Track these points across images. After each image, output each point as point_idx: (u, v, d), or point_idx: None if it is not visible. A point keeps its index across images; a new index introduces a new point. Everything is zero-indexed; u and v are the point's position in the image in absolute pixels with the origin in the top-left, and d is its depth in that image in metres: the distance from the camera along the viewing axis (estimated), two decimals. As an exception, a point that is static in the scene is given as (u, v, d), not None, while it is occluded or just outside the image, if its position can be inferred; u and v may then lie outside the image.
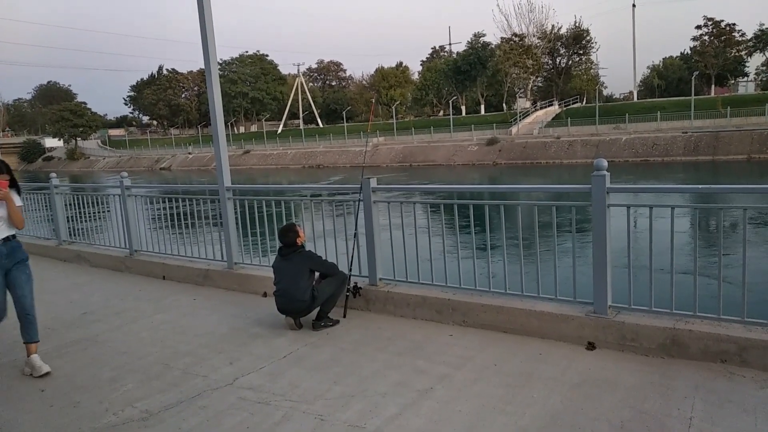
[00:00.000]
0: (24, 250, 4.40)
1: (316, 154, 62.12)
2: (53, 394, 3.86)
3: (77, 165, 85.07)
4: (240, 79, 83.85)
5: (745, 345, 3.55)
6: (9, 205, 4.21)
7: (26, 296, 4.23)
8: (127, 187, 7.31)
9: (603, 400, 3.32)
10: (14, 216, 4.31)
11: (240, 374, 4.01)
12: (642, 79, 78.12)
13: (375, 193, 5.14)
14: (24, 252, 4.38)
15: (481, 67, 64.92)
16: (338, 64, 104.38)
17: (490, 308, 4.51)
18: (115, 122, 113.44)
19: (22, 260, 4.32)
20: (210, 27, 5.87)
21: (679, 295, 3.90)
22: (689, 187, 5.43)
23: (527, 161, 46.26)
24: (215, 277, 6.42)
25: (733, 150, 38.27)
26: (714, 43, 61.11)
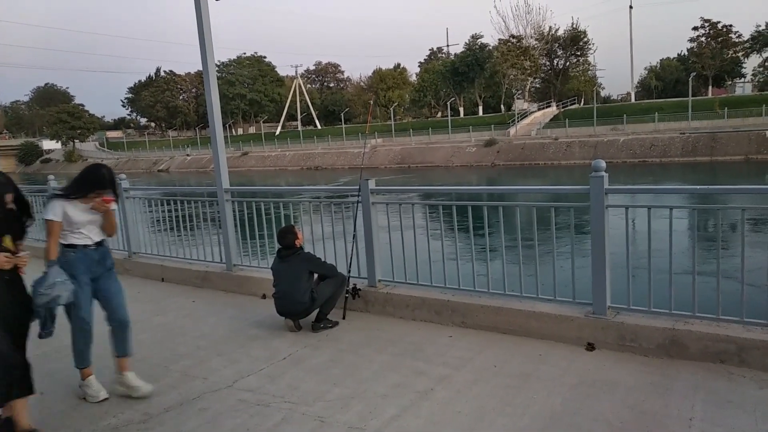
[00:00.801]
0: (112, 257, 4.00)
1: (314, 155, 62.08)
2: (53, 397, 3.85)
3: (75, 167, 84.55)
4: (238, 81, 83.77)
5: (745, 345, 3.56)
6: (107, 215, 3.76)
7: (122, 305, 3.88)
8: (125, 189, 7.30)
9: (602, 401, 3.32)
10: (110, 225, 3.84)
11: (239, 376, 4.00)
12: (639, 81, 78.29)
13: (374, 194, 5.14)
14: (112, 258, 3.99)
15: (478, 69, 64.98)
16: (336, 66, 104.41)
17: (489, 309, 4.52)
18: (112, 124, 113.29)
19: (112, 267, 3.94)
20: (207, 29, 5.87)
21: (678, 295, 3.91)
22: (687, 188, 5.45)
23: (525, 162, 46.27)
24: (214, 279, 6.41)
25: (730, 151, 38.32)
26: (711, 44, 61.21)
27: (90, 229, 3.73)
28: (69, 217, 3.63)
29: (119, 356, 3.86)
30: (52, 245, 3.57)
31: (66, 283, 3.45)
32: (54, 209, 3.60)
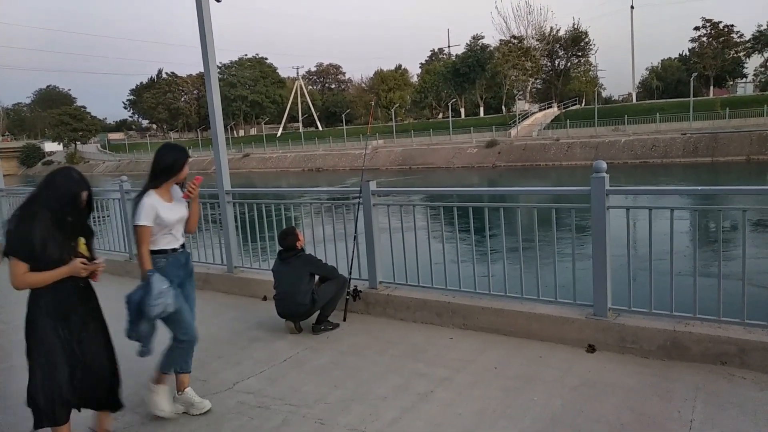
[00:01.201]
0: None
1: (315, 157, 62.10)
2: (53, 399, 3.85)
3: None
4: (239, 83, 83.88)
5: (746, 347, 3.55)
6: (194, 205, 3.58)
7: (194, 317, 3.66)
8: (126, 191, 7.31)
9: (603, 403, 3.32)
10: (195, 218, 3.63)
11: (240, 378, 4.00)
12: (641, 81, 78.24)
13: (375, 196, 5.14)
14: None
15: (480, 70, 65.01)
16: (337, 67, 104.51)
17: (490, 311, 4.51)
18: (114, 126, 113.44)
19: (192, 271, 3.71)
20: (209, 30, 5.88)
21: (679, 297, 3.90)
22: (688, 189, 5.44)
23: (526, 163, 46.25)
24: (215, 280, 6.41)
25: (732, 151, 38.27)
26: (712, 44, 61.19)
27: (178, 229, 3.48)
28: (161, 219, 3.36)
29: (180, 372, 3.57)
30: (146, 253, 3.32)
31: (170, 290, 3.23)
32: (146, 213, 3.31)
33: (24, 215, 2.74)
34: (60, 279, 2.77)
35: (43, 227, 2.71)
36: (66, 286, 2.82)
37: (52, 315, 2.83)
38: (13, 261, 2.70)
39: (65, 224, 2.80)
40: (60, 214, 2.77)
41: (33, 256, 2.69)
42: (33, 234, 2.68)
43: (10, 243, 2.71)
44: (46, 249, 2.71)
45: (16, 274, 2.72)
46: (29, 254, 2.69)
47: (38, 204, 2.76)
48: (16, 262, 2.70)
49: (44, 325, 2.82)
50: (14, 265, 2.70)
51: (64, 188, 2.81)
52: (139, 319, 3.20)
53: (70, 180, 2.84)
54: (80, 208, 2.89)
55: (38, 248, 2.69)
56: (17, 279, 2.72)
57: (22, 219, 2.73)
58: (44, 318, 2.82)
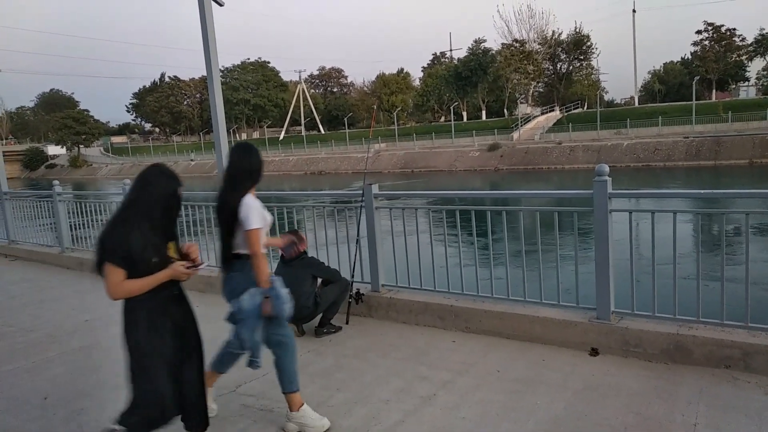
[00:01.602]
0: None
1: (317, 160, 62.18)
2: (56, 402, 3.86)
3: (80, 172, 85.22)
4: (242, 86, 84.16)
5: (749, 350, 3.54)
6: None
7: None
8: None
9: (607, 406, 3.31)
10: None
11: (243, 381, 4.00)
12: (643, 84, 78.27)
13: (377, 199, 5.14)
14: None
15: (482, 73, 65.07)
16: (339, 71, 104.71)
17: (492, 314, 4.51)
18: (117, 129, 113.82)
19: None
20: (212, 34, 5.90)
21: (682, 300, 3.90)
22: (691, 192, 5.40)
23: (529, 167, 46.23)
24: (218, 284, 6.38)
25: (734, 155, 38.22)
26: (714, 47, 61.22)
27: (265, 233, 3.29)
28: (266, 221, 3.20)
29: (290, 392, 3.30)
30: (263, 257, 3.13)
31: (288, 295, 3.09)
32: (259, 215, 3.13)
33: (120, 219, 2.57)
34: (156, 286, 2.59)
35: (141, 230, 2.54)
36: (162, 294, 2.65)
37: (152, 327, 2.64)
38: (109, 268, 2.51)
39: (161, 226, 2.63)
40: (156, 216, 2.60)
41: (131, 262, 2.51)
42: (131, 238, 2.50)
43: (107, 249, 2.52)
44: (145, 253, 2.53)
45: (113, 283, 2.52)
46: (127, 260, 2.50)
47: (134, 207, 2.58)
48: (114, 270, 2.50)
49: (145, 338, 2.63)
50: (111, 272, 2.51)
51: (160, 188, 2.63)
52: (257, 327, 3.04)
53: (164, 178, 2.68)
54: (174, 208, 2.71)
55: (137, 253, 2.50)
56: (115, 288, 2.52)
57: (118, 223, 2.56)
58: (144, 331, 2.62)
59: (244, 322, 3.02)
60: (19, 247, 9.60)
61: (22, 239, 9.76)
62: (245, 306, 3.01)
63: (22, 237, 9.79)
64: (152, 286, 2.57)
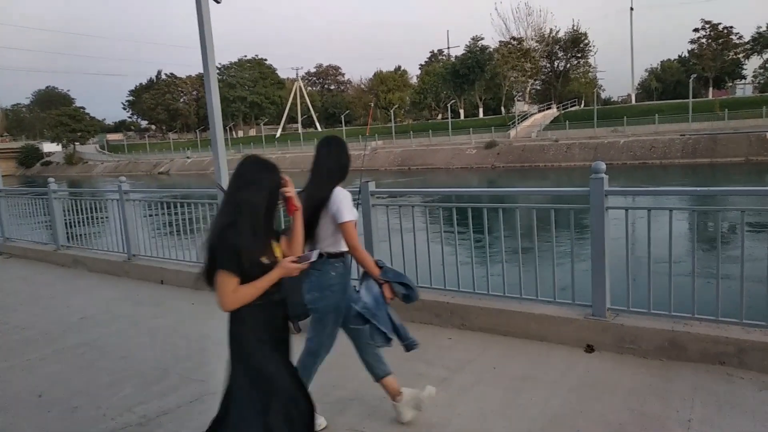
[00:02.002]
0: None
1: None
2: (51, 399, 3.85)
3: (75, 170, 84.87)
4: (239, 84, 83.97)
5: (744, 347, 3.55)
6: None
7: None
8: (125, 191, 7.31)
9: (602, 403, 3.32)
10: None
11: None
12: (640, 82, 78.35)
13: (374, 196, 5.14)
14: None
15: (479, 71, 65.03)
16: (337, 68, 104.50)
17: (489, 311, 4.51)
18: (113, 127, 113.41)
19: None
20: (208, 31, 5.88)
21: (677, 297, 3.91)
22: (687, 190, 5.43)
23: (525, 164, 46.26)
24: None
25: (731, 152, 38.30)
26: (712, 45, 61.28)
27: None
28: (355, 215, 3.02)
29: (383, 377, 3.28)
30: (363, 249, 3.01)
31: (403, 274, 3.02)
32: (351, 207, 2.95)
33: (227, 223, 2.30)
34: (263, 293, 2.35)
35: (250, 232, 2.30)
36: (270, 298, 2.40)
37: (265, 337, 2.41)
38: (223, 277, 2.25)
39: (266, 225, 2.40)
40: (262, 215, 2.36)
41: (243, 268, 2.27)
42: (241, 242, 2.26)
43: (219, 256, 2.27)
44: (256, 256, 2.32)
45: (227, 292, 2.26)
46: (240, 266, 2.26)
47: (240, 208, 2.31)
48: (228, 278, 2.25)
49: (260, 352, 2.39)
50: (225, 281, 2.26)
51: (264, 185, 2.37)
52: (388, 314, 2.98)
53: (267, 173, 2.41)
54: (277, 204, 2.45)
55: (248, 257, 2.28)
56: (229, 297, 2.27)
57: (225, 227, 2.29)
58: (256, 343, 2.39)
59: (377, 317, 2.94)
60: (14, 244, 9.56)
61: (17, 237, 9.73)
62: (370, 303, 2.94)
63: (17, 234, 9.76)
64: (264, 290, 2.33)
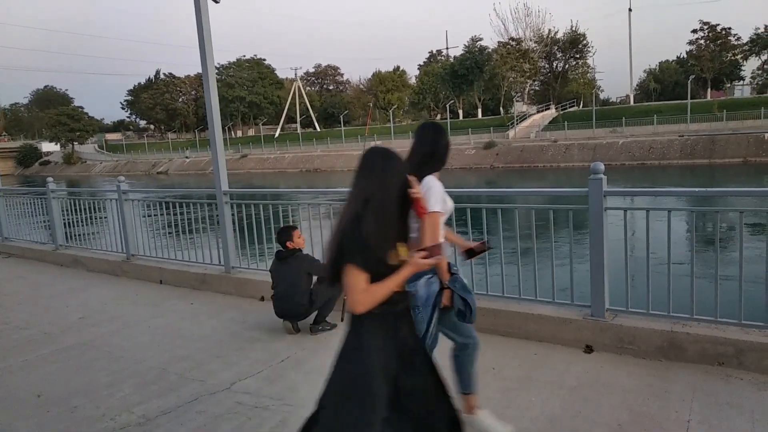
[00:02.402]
0: None
1: (313, 158, 62.08)
2: (50, 400, 3.84)
3: (74, 169, 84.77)
4: (237, 84, 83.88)
5: (743, 347, 3.56)
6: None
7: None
8: (124, 191, 7.30)
9: (601, 403, 3.32)
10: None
11: (237, 378, 4.00)
12: (638, 83, 78.41)
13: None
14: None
15: (478, 71, 65.08)
16: (335, 68, 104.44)
17: (487, 312, 4.51)
18: (112, 126, 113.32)
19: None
20: (207, 31, 5.88)
21: (676, 297, 3.91)
22: (686, 190, 5.44)
23: (524, 165, 46.30)
24: (212, 281, 6.40)
25: (729, 153, 38.38)
26: (710, 47, 61.40)
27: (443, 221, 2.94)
28: (447, 208, 2.89)
29: (467, 393, 3.09)
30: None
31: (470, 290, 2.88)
32: (441, 197, 2.81)
33: (356, 217, 2.12)
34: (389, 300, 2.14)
35: (378, 225, 2.11)
36: (394, 307, 2.19)
37: (383, 345, 2.17)
38: (353, 272, 2.07)
39: (396, 217, 2.20)
40: (393, 211, 2.17)
41: (372, 265, 2.09)
42: (372, 237, 2.09)
43: (348, 250, 2.09)
44: (383, 251, 2.13)
45: (360, 289, 2.07)
46: (369, 262, 2.09)
47: (367, 198, 2.13)
48: (358, 274, 2.07)
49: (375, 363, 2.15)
50: (356, 277, 2.07)
51: (394, 179, 2.18)
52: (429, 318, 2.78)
53: (398, 164, 2.22)
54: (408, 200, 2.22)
55: (379, 254, 2.11)
56: (361, 296, 2.07)
57: (354, 221, 2.11)
58: (375, 352, 2.15)
59: (418, 310, 2.74)
60: (13, 244, 9.55)
61: (16, 236, 9.71)
62: (420, 292, 2.74)
63: (15, 234, 9.75)
64: (394, 289, 2.13)
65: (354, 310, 2.10)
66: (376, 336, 2.16)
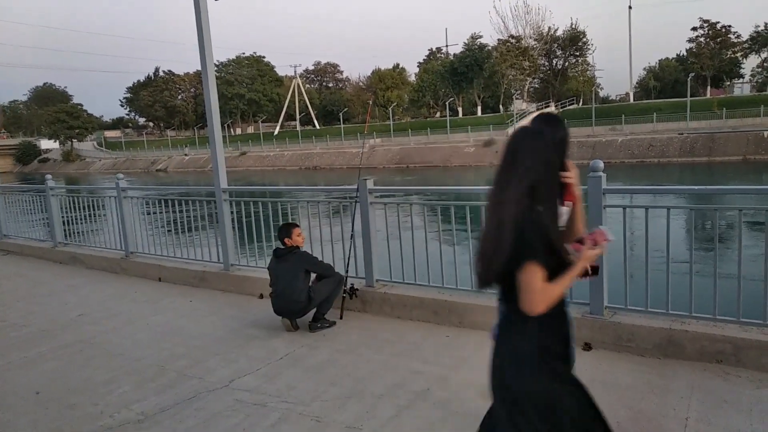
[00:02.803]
0: None
1: (312, 155, 62.05)
2: (48, 397, 3.85)
3: (73, 167, 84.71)
4: (237, 81, 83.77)
5: (741, 345, 3.56)
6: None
7: None
8: (123, 188, 7.30)
9: (599, 401, 3.29)
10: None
11: (236, 376, 4.00)
12: (638, 81, 78.35)
13: (372, 194, 5.13)
14: None
15: (477, 69, 64.98)
16: (335, 66, 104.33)
17: (486, 309, 4.51)
18: (111, 124, 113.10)
19: None
20: (207, 28, 5.87)
21: (674, 295, 3.91)
22: (685, 188, 5.45)
23: (524, 162, 46.25)
24: (211, 278, 6.40)
25: (728, 151, 38.37)
26: (710, 44, 61.33)
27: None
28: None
29: None
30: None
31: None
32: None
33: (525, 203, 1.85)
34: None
35: (550, 214, 1.91)
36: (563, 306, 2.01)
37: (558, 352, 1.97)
38: (531, 268, 1.82)
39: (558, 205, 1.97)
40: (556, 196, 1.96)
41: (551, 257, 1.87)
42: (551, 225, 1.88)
43: (523, 244, 1.82)
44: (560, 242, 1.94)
45: (539, 288, 1.83)
46: (548, 254, 1.86)
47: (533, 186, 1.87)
48: (537, 269, 1.82)
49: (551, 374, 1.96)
50: (535, 273, 1.82)
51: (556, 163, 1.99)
52: None
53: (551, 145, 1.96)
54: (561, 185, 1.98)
55: (558, 243, 1.91)
56: (540, 295, 1.84)
57: (527, 210, 1.84)
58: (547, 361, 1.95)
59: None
60: (11, 241, 9.54)
61: (15, 234, 9.71)
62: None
63: (14, 231, 9.74)
64: (569, 286, 1.94)
65: (532, 311, 1.85)
66: (548, 336, 1.96)
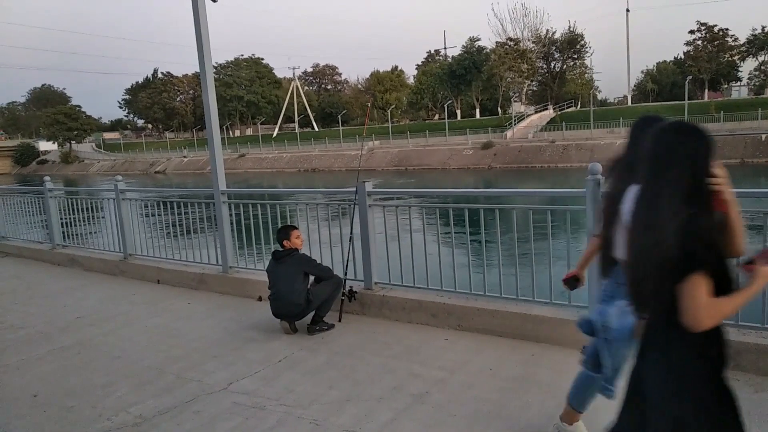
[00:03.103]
0: None
1: (311, 157, 62.07)
2: (46, 399, 3.83)
3: (71, 168, 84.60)
4: (235, 83, 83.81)
5: (740, 349, 3.56)
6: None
7: None
8: (121, 191, 7.29)
9: (598, 404, 3.31)
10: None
11: (234, 379, 3.99)
12: (636, 84, 78.48)
13: (370, 196, 5.13)
14: None
15: (476, 71, 65.09)
16: (334, 68, 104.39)
17: (485, 312, 4.51)
18: (109, 125, 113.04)
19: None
20: (205, 30, 5.87)
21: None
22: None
23: (522, 165, 46.35)
24: (210, 281, 6.39)
25: (726, 154, 38.39)
26: (707, 47, 61.54)
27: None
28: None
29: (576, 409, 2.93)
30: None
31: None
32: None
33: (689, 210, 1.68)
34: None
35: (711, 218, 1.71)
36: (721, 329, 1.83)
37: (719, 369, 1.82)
38: (697, 282, 1.65)
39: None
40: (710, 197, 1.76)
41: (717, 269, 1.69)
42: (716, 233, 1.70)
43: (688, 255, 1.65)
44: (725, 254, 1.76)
45: (705, 304, 1.66)
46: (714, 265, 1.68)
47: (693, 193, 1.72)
48: (704, 281, 1.65)
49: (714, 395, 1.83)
50: (700, 288, 1.65)
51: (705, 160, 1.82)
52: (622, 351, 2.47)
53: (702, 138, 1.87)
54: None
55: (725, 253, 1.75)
56: (707, 310, 1.66)
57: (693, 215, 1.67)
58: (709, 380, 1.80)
59: (609, 343, 2.46)
60: (9, 243, 9.52)
61: (13, 235, 9.69)
62: (614, 324, 2.40)
63: (12, 233, 9.72)
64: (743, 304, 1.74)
65: (697, 326, 1.68)
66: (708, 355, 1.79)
